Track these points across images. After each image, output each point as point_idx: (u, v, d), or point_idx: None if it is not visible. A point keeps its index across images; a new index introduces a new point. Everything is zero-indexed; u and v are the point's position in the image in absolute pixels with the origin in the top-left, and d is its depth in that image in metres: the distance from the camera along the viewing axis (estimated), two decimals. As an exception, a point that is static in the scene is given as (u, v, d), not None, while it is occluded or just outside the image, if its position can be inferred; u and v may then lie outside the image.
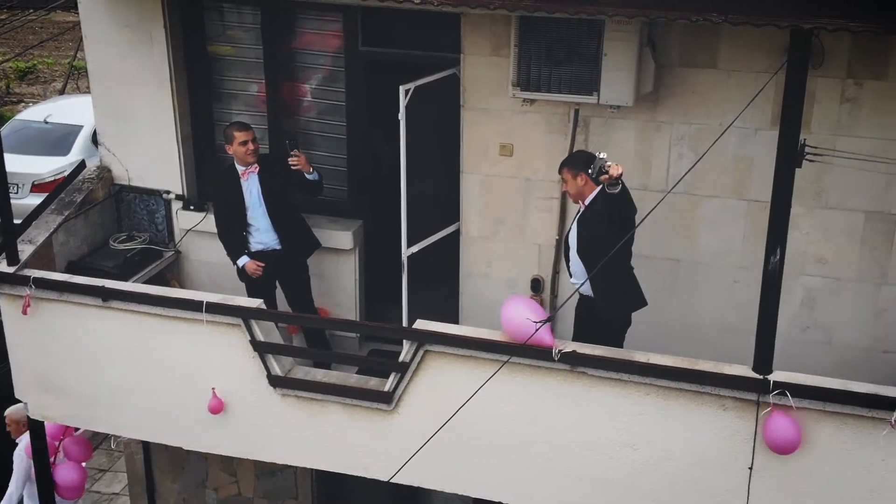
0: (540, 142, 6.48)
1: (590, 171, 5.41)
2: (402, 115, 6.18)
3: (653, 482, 5.48)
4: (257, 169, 6.63)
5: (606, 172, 5.19)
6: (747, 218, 6.19)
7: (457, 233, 6.87)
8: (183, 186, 7.26)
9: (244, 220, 6.69)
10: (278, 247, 6.75)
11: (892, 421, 4.94)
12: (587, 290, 5.81)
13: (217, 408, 5.96)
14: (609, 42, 5.74)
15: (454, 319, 6.92)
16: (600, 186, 5.54)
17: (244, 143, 6.54)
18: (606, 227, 5.50)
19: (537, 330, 5.20)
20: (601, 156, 5.23)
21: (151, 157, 7.24)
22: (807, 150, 4.88)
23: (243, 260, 6.70)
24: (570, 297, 5.76)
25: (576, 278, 5.95)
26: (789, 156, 4.72)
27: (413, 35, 6.64)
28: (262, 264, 6.68)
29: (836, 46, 5.68)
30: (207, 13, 7.13)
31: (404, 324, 6.48)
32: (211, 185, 7.14)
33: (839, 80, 5.78)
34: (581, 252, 5.83)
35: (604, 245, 5.39)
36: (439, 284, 6.90)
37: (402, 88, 6.15)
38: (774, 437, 5.06)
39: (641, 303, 5.91)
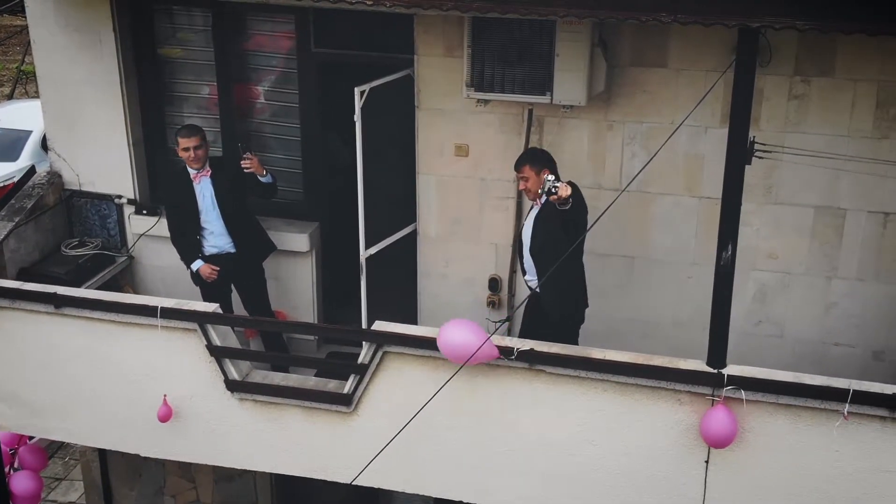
0: (495, 142, 6.50)
1: (540, 191, 5.48)
2: (357, 117, 6.15)
3: (611, 477, 5.52)
4: (209, 172, 6.57)
5: (555, 193, 5.23)
6: (699, 215, 6.27)
7: (414, 233, 6.88)
8: (135, 191, 7.19)
9: (198, 224, 6.63)
10: (233, 250, 6.71)
11: (845, 413, 5.02)
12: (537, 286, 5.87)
13: (166, 416, 5.89)
14: (561, 42, 5.78)
15: (413, 320, 6.93)
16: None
17: (186, 149, 6.46)
18: (559, 228, 5.55)
19: (486, 341, 5.20)
20: (549, 177, 5.28)
21: (102, 162, 7.16)
22: (756, 147, 4.95)
23: (197, 264, 6.65)
24: (526, 300, 5.78)
25: (529, 275, 5.99)
26: (739, 153, 4.78)
27: (366, 36, 6.64)
28: (217, 268, 6.63)
29: (784, 44, 5.77)
30: (157, 15, 7.06)
31: (363, 325, 6.47)
32: (163, 188, 7.06)
33: (787, 77, 5.87)
34: (534, 251, 5.87)
35: (556, 246, 5.44)
36: (397, 285, 6.90)
37: (357, 90, 6.12)
38: (708, 430, 5.13)
39: (583, 304, 6.01)
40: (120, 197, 7.22)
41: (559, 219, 5.46)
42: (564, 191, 5.23)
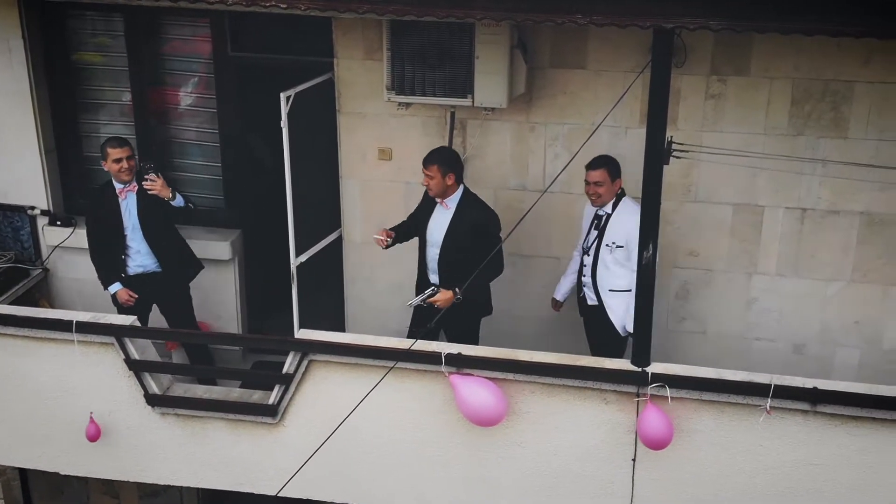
0: (418, 145, 6.45)
1: (414, 301, 5.92)
2: (284, 123, 6.02)
3: (541, 478, 5.53)
4: (136, 188, 6.30)
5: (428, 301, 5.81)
6: (622, 214, 6.30)
7: (339, 238, 6.80)
8: (48, 201, 6.97)
9: (122, 242, 6.33)
10: (158, 270, 6.44)
11: (767, 407, 5.09)
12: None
13: (95, 435, 5.72)
14: (481, 45, 5.76)
15: (340, 326, 6.85)
16: (462, 188, 5.88)
17: (118, 160, 6.19)
18: (472, 240, 5.77)
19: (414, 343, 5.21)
20: (430, 290, 5.84)
21: (14, 172, 6.93)
22: (673, 146, 4.99)
23: (115, 287, 6.34)
24: (456, 301, 5.74)
25: (434, 275, 6.04)
26: (656, 153, 4.82)
27: (285, 39, 6.54)
28: (136, 295, 6.34)
29: (700, 44, 5.83)
30: (70, 21, 6.86)
31: (296, 335, 6.34)
32: (86, 202, 6.73)
33: (703, 76, 5.93)
34: (443, 254, 5.95)
35: (468, 254, 5.69)
36: (323, 291, 6.82)
37: (283, 95, 5.98)
38: (647, 432, 5.17)
39: (487, 311, 6.16)
40: (33, 208, 7.00)
41: (472, 225, 5.82)
42: (442, 298, 5.72)
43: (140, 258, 6.40)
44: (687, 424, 5.25)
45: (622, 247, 5.76)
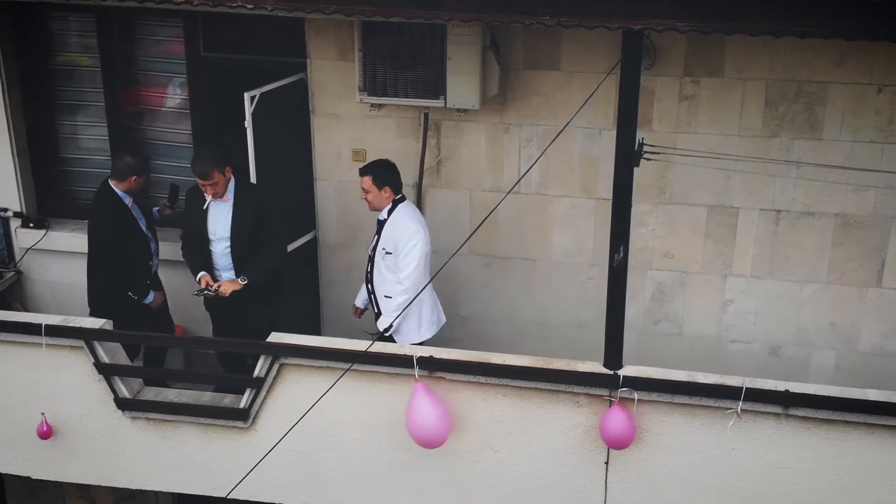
0: (393, 146, 6.43)
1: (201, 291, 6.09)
2: (248, 123, 6.01)
3: (513, 482, 5.51)
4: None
5: (215, 293, 6.02)
6: (596, 216, 6.29)
7: (314, 241, 6.76)
8: (21, 203, 6.92)
9: (149, 248, 6.46)
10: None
11: (738, 410, 5.07)
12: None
13: (46, 434, 5.71)
14: (452, 46, 5.75)
15: (315, 328, 6.82)
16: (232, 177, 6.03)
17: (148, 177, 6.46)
18: (258, 224, 5.97)
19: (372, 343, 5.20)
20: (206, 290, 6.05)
21: (-15, 174, 6.89)
22: (645, 148, 4.96)
23: (151, 297, 6.47)
24: (415, 297, 5.69)
25: (226, 272, 6.13)
26: (627, 155, 4.79)
27: (258, 40, 6.50)
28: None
29: (673, 46, 5.82)
30: (43, 23, 6.81)
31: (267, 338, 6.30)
32: (61, 208, 6.83)
33: (677, 78, 5.92)
34: (234, 246, 6.04)
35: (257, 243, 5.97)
36: (300, 293, 6.77)
37: (247, 95, 5.99)
38: (607, 431, 5.15)
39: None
40: (6, 210, 6.95)
41: (255, 213, 5.97)
42: (225, 285, 5.95)
43: (156, 258, 6.56)
44: (659, 427, 5.22)
45: (391, 253, 5.75)
